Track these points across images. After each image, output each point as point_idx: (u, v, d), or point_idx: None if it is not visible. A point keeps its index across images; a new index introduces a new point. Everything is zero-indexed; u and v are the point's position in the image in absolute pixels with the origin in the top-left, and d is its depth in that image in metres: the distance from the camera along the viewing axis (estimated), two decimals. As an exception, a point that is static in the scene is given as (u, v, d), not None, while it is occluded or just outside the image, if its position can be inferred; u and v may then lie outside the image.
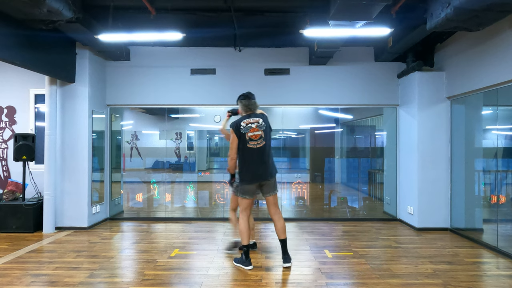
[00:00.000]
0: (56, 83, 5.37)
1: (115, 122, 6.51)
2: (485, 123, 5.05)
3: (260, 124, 3.74)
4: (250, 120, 3.75)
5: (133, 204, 7.06)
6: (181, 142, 8.08)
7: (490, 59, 4.44)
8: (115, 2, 4.59)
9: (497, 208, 4.69)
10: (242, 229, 3.78)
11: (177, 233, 5.34)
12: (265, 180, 3.74)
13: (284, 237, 3.80)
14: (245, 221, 3.80)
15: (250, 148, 3.70)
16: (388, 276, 3.58)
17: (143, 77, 6.19)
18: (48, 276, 3.56)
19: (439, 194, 5.51)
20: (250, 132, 3.70)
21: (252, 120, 3.75)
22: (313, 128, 7.81)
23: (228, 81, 6.16)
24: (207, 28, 5.61)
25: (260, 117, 3.79)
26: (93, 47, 5.45)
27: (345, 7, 3.64)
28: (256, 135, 3.70)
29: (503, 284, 3.42)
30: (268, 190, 3.81)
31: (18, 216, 5.27)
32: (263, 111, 3.93)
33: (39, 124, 5.97)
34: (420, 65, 5.50)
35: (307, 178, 7.94)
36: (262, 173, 3.72)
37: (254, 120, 3.75)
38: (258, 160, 3.71)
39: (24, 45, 4.35)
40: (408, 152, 5.80)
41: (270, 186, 3.80)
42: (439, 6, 3.87)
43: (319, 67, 6.17)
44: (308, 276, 3.59)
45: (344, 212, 6.61)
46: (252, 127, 3.71)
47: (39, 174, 5.69)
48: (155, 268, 3.80)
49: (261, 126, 3.74)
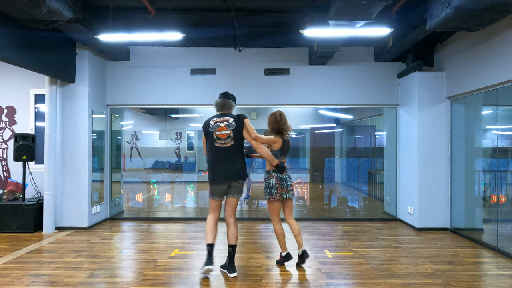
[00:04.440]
0: (56, 83, 5.37)
1: (115, 122, 6.51)
2: (485, 123, 5.05)
3: (229, 123, 3.60)
4: (220, 119, 3.64)
5: (133, 204, 7.06)
6: (181, 142, 8.09)
7: (490, 59, 4.44)
8: (115, 2, 4.59)
9: (497, 208, 4.69)
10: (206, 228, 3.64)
11: (177, 233, 5.34)
12: (231, 181, 3.60)
13: (235, 244, 3.62)
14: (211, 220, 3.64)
15: (217, 147, 3.60)
16: (388, 276, 3.58)
17: (143, 77, 6.19)
18: (48, 276, 3.56)
19: (439, 194, 5.51)
20: (218, 131, 3.60)
21: (222, 119, 3.64)
22: (313, 128, 7.81)
23: (228, 81, 6.16)
24: (207, 28, 5.61)
25: (232, 117, 3.65)
26: (93, 47, 5.45)
27: (345, 7, 3.65)
28: (224, 134, 3.58)
29: (503, 284, 3.42)
30: (233, 192, 3.66)
31: (18, 216, 5.27)
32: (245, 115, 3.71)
33: (39, 124, 5.97)
34: (420, 65, 5.50)
35: (307, 178, 7.94)
36: (228, 173, 3.58)
37: (224, 119, 3.63)
38: (224, 160, 3.58)
39: (24, 45, 4.35)
40: (408, 152, 5.80)
41: (236, 189, 3.66)
42: (439, 6, 3.87)
43: (319, 67, 6.17)
44: (308, 276, 3.58)
45: (344, 212, 6.61)
46: (220, 126, 3.60)
47: (39, 174, 5.69)
48: (155, 268, 3.80)
49: (231, 125, 3.59)
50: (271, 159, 3.70)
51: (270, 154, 3.70)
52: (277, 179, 3.72)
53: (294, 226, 3.81)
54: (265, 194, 3.79)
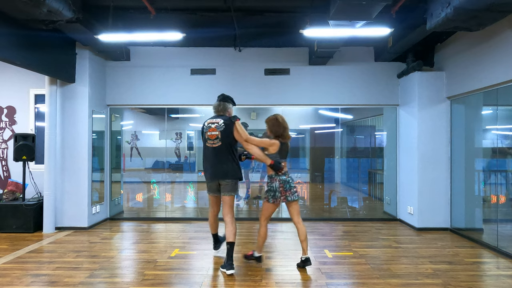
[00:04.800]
0: (56, 83, 5.37)
1: (115, 122, 6.51)
2: (485, 123, 5.05)
3: (219, 125, 3.79)
4: (213, 120, 3.87)
5: (133, 204, 7.06)
6: (181, 142, 8.08)
7: (490, 59, 4.44)
8: (115, 2, 4.59)
9: (497, 208, 4.69)
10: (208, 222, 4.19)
11: (177, 233, 5.34)
12: (219, 179, 3.79)
13: (232, 241, 3.69)
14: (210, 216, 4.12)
15: (208, 147, 3.85)
16: (388, 276, 3.58)
17: (143, 77, 6.19)
18: (48, 276, 3.56)
19: (439, 194, 5.51)
20: (209, 131, 3.81)
21: (214, 120, 3.85)
22: (313, 128, 7.80)
23: (228, 81, 6.16)
24: (207, 28, 5.61)
25: (223, 119, 3.83)
26: (93, 47, 5.45)
27: (345, 7, 3.64)
28: (213, 135, 3.79)
29: (503, 284, 3.42)
30: (224, 190, 3.83)
31: (18, 216, 5.27)
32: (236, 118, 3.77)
33: (39, 124, 5.97)
34: (420, 65, 5.50)
35: (307, 178, 7.94)
36: (215, 172, 3.80)
37: (215, 120, 3.84)
38: (213, 159, 3.81)
39: (24, 45, 4.35)
40: (408, 152, 5.80)
41: (226, 187, 3.81)
42: (439, 6, 3.87)
43: (319, 67, 6.17)
44: (308, 276, 3.59)
45: (344, 212, 6.61)
46: (211, 127, 3.81)
47: (39, 174, 5.69)
48: (155, 268, 3.80)
49: (219, 127, 3.78)
50: (264, 159, 3.71)
51: (261, 154, 3.72)
52: (280, 182, 3.70)
53: (301, 230, 3.77)
54: (269, 198, 3.74)
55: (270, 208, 3.77)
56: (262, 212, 3.83)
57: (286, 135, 3.80)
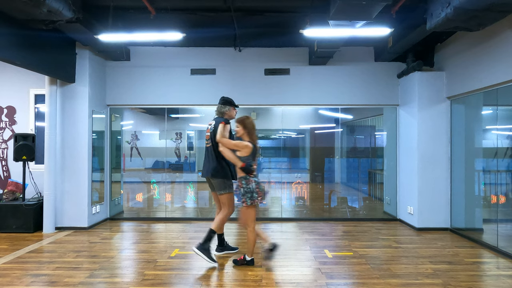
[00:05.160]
0: (56, 83, 5.37)
1: (115, 122, 6.51)
2: (485, 123, 5.05)
3: (211, 126, 4.07)
4: (210, 122, 4.16)
5: (133, 204, 7.06)
6: (181, 142, 8.08)
7: (490, 59, 4.44)
8: (115, 2, 4.59)
9: (497, 208, 4.69)
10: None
11: (177, 233, 5.34)
12: (208, 177, 4.06)
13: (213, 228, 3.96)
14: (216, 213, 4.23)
15: (205, 146, 4.18)
16: (388, 276, 3.58)
17: (143, 77, 6.19)
18: (48, 276, 3.56)
19: (439, 194, 5.51)
20: (207, 132, 4.15)
21: (211, 122, 4.15)
22: (313, 128, 7.81)
23: (228, 81, 6.17)
24: (207, 28, 5.61)
25: (216, 121, 4.05)
26: (93, 47, 5.45)
27: (345, 7, 3.64)
28: (207, 135, 4.12)
29: (503, 284, 3.42)
30: (213, 188, 4.11)
31: (18, 216, 5.27)
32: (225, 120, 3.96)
33: (39, 124, 5.97)
34: (420, 65, 5.50)
35: (307, 178, 7.94)
36: (204, 170, 4.12)
37: (211, 122, 4.13)
38: (204, 158, 4.18)
39: (24, 45, 4.35)
40: (408, 152, 5.80)
41: (215, 184, 4.04)
42: (439, 6, 3.87)
43: (319, 67, 6.17)
44: (308, 276, 3.59)
45: (344, 212, 6.61)
46: (207, 128, 4.14)
47: (39, 174, 5.69)
48: (155, 268, 3.80)
49: (211, 128, 4.06)
50: (235, 161, 3.75)
51: (233, 157, 3.75)
52: (255, 183, 3.73)
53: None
54: (247, 200, 3.69)
55: (252, 211, 3.77)
56: (245, 218, 3.79)
57: (256, 137, 3.89)
